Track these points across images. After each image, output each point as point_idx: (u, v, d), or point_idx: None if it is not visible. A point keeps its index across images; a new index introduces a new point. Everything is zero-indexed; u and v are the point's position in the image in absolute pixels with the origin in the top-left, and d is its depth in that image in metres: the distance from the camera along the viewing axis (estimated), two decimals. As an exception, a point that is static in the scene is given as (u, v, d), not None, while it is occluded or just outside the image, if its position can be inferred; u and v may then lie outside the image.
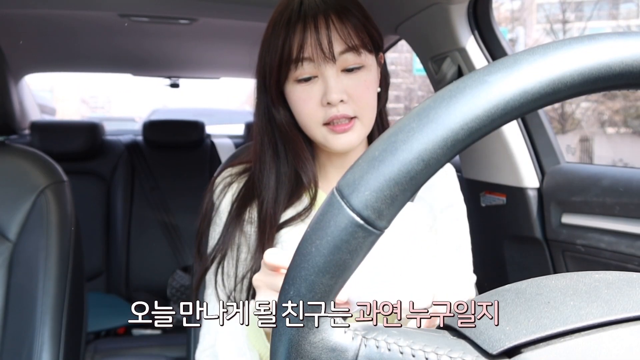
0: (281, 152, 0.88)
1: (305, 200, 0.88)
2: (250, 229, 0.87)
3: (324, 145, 0.84)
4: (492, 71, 0.30)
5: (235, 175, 0.91)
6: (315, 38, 0.78)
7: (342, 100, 0.79)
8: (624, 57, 0.30)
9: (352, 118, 0.81)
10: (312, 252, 0.30)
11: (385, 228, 0.30)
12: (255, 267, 0.86)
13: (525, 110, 0.30)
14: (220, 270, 0.87)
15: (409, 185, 0.29)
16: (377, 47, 0.87)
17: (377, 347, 0.31)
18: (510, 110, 0.29)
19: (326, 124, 0.81)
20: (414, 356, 0.30)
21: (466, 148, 0.30)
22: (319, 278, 0.30)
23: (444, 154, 0.29)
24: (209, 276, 0.88)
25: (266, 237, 0.84)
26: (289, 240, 0.85)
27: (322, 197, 0.90)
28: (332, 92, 0.78)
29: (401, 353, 0.30)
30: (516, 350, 0.29)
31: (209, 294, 0.88)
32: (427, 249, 0.87)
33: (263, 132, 0.89)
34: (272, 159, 0.87)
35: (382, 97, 0.90)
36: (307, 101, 0.81)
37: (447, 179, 0.95)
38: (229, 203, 0.89)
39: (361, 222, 0.29)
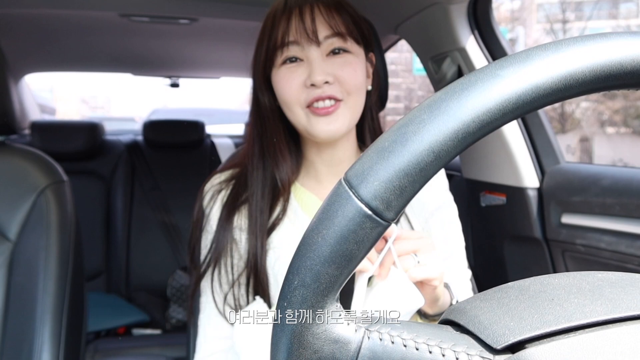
0: (267, 150, 0.88)
1: (289, 201, 0.87)
2: (240, 236, 0.87)
3: (308, 131, 0.82)
4: (504, 65, 0.30)
5: (224, 182, 0.91)
6: (299, 22, 0.79)
7: (327, 82, 0.79)
8: (636, 55, 0.30)
9: (338, 100, 0.80)
10: (318, 242, 0.30)
11: (392, 219, 0.30)
12: (248, 274, 0.85)
13: (537, 105, 0.29)
14: (216, 277, 0.86)
15: (419, 177, 0.29)
16: (367, 43, 0.87)
17: (381, 339, 0.31)
18: (522, 104, 0.29)
19: (308, 106, 0.80)
20: (417, 349, 0.30)
21: (476, 141, 0.30)
22: (324, 268, 0.30)
23: (454, 146, 0.29)
24: (204, 283, 0.88)
25: (257, 240, 0.84)
26: (280, 245, 0.85)
27: (306, 195, 0.89)
28: (316, 74, 0.78)
29: (404, 346, 0.30)
30: (520, 345, 0.29)
31: (204, 302, 0.88)
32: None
33: (253, 123, 0.89)
34: (259, 155, 0.87)
35: (372, 96, 0.90)
36: (290, 82, 0.81)
37: (437, 177, 0.95)
38: (219, 210, 0.88)
39: (369, 212, 0.29)
